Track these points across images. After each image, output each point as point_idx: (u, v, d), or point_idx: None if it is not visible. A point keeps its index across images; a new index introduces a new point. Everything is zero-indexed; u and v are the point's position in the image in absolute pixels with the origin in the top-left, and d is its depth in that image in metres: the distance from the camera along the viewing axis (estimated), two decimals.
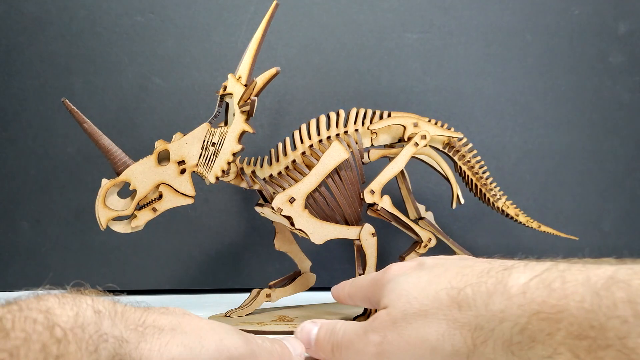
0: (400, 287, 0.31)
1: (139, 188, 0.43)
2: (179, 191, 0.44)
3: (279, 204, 0.46)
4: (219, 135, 0.45)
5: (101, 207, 0.42)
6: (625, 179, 0.68)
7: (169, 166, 0.44)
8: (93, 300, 0.25)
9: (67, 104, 0.45)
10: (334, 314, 0.51)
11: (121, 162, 0.43)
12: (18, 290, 0.64)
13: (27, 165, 0.64)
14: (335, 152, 0.47)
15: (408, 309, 0.29)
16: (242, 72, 0.46)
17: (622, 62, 0.67)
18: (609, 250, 0.67)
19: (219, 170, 0.45)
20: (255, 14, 0.64)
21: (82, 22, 0.63)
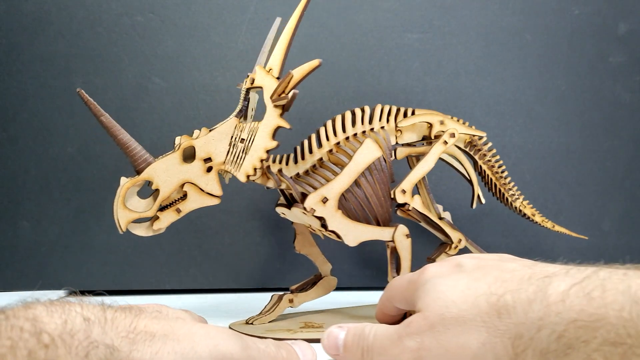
0: (437, 290, 0.30)
1: (162, 187, 0.40)
2: (204, 191, 0.41)
3: (312, 204, 0.43)
4: (249, 130, 0.43)
5: (121, 209, 0.39)
6: (625, 179, 0.68)
7: (195, 164, 0.41)
8: (82, 308, 0.24)
9: (83, 95, 0.42)
10: (360, 318, 0.49)
11: (142, 159, 0.40)
12: (18, 290, 0.64)
13: (27, 165, 0.64)
14: (368, 150, 0.45)
15: (445, 313, 0.28)
16: (273, 65, 0.43)
17: (622, 62, 0.67)
18: (609, 250, 0.68)
19: (250, 168, 0.42)
20: (255, 14, 0.64)
21: (82, 22, 0.63)
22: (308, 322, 0.47)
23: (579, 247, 0.67)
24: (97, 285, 0.65)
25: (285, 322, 0.47)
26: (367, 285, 0.66)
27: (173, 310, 0.32)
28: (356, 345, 0.32)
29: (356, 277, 0.66)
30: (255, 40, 0.65)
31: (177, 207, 0.41)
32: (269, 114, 0.42)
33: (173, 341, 0.26)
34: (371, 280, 0.67)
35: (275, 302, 0.48)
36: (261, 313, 0.47)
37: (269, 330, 0.44)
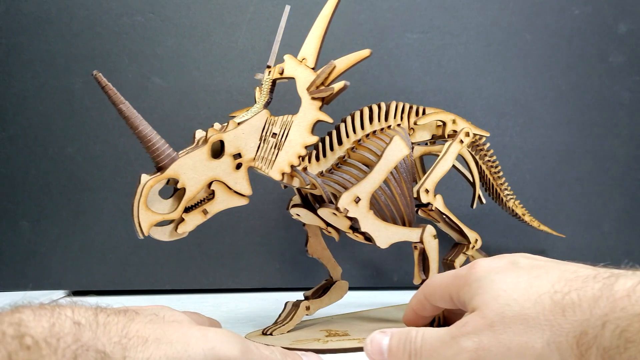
0: (497, 287, 0.28)
1: (188, 186, 0.36)
2: (233, 190, 0.37)
3: (345, 204, 0.40)
4: (281, 124, 0.39)
5: (143, 210, 0.34)
6: (626, 179, 0.68)
7: (223, 160, 0.37)
8: (74, 311, 0.24)
9: (100, 79, 0.37)
10: (379, 321, 0.48)
11: (165, 155, 0.35)
12: (18, 290, 0.64)
13: (27, 165, 0.64)
14: (397, 147, 0.43)
15: (507, 311, 0.27)
16: (306, 54, 0.40)
17: (622, 61, 0.67)
18: (609, 250, 0.67)
19: (286, 165, 0.39)
20: (255, 14, 0.64)
21: (82, 22, 0.63)
22: (330, 330, 0.45)
23: (579, 247, 0.67)
24: (97, 285, 0.65)
25: (306, 331, 0.44)
26: (367, 286, 0.66)
27: (172, 312, 0.31)
28: (402, 349, 0.31)
29: (356, 277, 0.66)
30: (255, 40, 0.65)
31: (203, 208, 0.37)
32: (306, 107, 0.39)
33: (166, 345, 0.25)
34: (371, 280, 0.67)
35: (290, 310, 0.45)
36: (277, 322, 0.44)
37: (296, 341, 0.41)
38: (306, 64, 0.40)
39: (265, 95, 0.41)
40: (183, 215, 0.37)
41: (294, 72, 0.40)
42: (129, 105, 0.37)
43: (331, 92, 0.39)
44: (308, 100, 0.40)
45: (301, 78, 0.40)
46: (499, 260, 0.32)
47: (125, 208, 0.64)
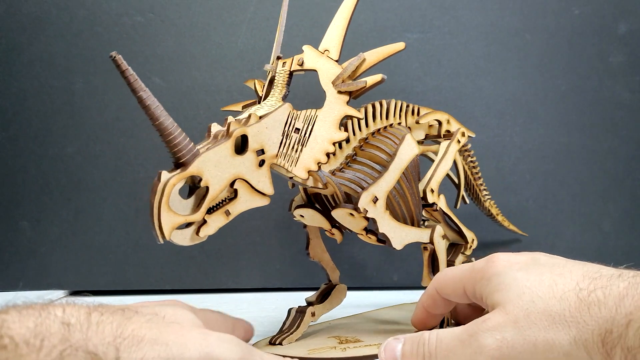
0: (520, 284, 0.28)
1: (212, 184, 0.32)
2: (256, 189, 0.34)
3: (364, 204, 0.38)
4: (304, 119, 0.37)
5: (165, 211, 0.30)
6: (626, 179, 0.68)
7: (247, 156, 0.34)
8: (64, 311, 0.23)
9: (120, 61, 0.31)
10: (387, 322, 0.47)
11: (187, 150, 0.32)
12: (18, 290, 0.64)
13: (26, 165, 0.64)
14: (409, 146, 0.42)
15: (531, 308, 0.27)
16: (329, 45, 0.38)
17: (622, 61, 0.67)
18: (609, 250, 0.67)
19: (312, 163, 0.37)
20: (255, 14, 0.64)
21: (82, 22, 0.63)
22: (340, 336, 0.42)
23: (578, 247, 0.67)
24: (97, 285, 0.65)
25: (315, 338, 0.42)
26: (367, 286, 0.66)
27: (175, 311, 0.29)
28: (416, 353, 0.30)
29: (356, 277, 0.66)
30: (255, 40, 0.65)
31: (226, 209, 0.34)
32: (332, 101, 0.37)
33: (161, 346, 0.24)
34: (371, 280, 0.67)
35: (295, 317, 0.43)
36: (283, 331, 0.42)
37: (312, 350, 0.39)
38: (329, 55, 0.38)
39: (282, 88, 0.38)
40: (205, 217, 0.33)
41: (316, 64, 0.38)
42: (150, 93, 0.32)
43: (363, 86, 0.37)
44: (334, 94, 0.38)
45: (324, 71, 0.38)
46: (518, 256, 0.31)
47: (126, 208, 0.65)
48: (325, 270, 0.47)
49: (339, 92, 0.38)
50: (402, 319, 0.48)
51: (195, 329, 0.27)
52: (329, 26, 0.39)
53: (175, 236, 0.32)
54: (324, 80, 0.38)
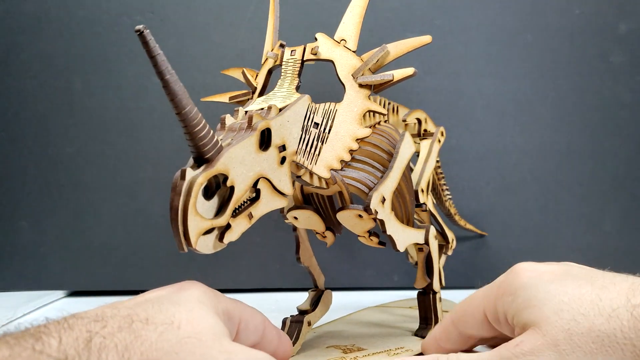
0: (556, 299, 0.24)
1: (237, 184, 0.28)
2: (277, 189, 0.31)
3: (375, 205, 0.36)
4: (323, 113, 0.34)
5: (193, 215, 0.26)
6: (627, 179, 0.68)
7: (270, 153, 0.30)
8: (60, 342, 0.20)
9: (147, 37, 0.25)
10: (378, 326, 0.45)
11: (212, 144, 0.27)
12: (18, 290, 0.64)
13: (26, 165, 0.64)
14: (409, 145, 0.40)
15: (574, 328, 0.23)
16: (345, 35, 0.36)
17: (623, 61, 0.67)
18: (610, 250, 0.67)
19: (335, 161, 0.34)
20: (255, 13, 0.64)
21: (81, 22, 0.63)
22: (340, 346, 0.40)
23: (579, 248, 0.67)
24: (96, 286, 0.65)
25: (316, 350, 0.39)
26: (369, 286, 0.66)
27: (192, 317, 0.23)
28: None
29: (357, 277, 0.66)
30: (255, 40, 0.65)
31: (249, 212, 0.30)
32: (353, 95, 0.35)
33: None
34: (371, 280, 0.67)
35: (291, 328, 0.40)
36: None
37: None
38: (346, 45, 0.36)
39: (292, 78, 0.35)
40: (230, 221, 0.29)
41: (332, 54, 0.35)
42: (177, 77, 0.27)
43: (389, 80, 0.35)
44: (355, 87, 0.35)
45: (341, 62, 0.35)
46: (545, 266, 0.27)
47: (125, 208, 0.65)
48: (312, 276, 0.44)
49: (359, 85, 0.35)
50: (388, 321, 0.47)
51: (217, 346, 0.22)
52: (345, 14, 0.37)
53: (200, 244, 0.27)
54: (343, 73, 0.35)
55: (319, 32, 0.38)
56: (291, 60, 0.36)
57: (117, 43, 0.64)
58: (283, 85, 0.35)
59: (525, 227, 0.66)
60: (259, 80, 0.38)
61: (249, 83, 0.39)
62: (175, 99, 0.27)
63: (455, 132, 0.64)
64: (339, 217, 0.38)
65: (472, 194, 0.66)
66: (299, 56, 0.36)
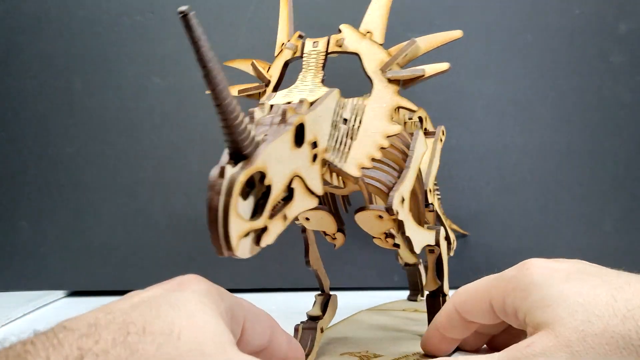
0: (570, 300, 0.24)
1: (275, 183, 0.26)
2: (309, 188, 0.29)
3: (396, 206, 0.34)
4: (352, 108, 0.33)
5: (234, 217, 0.24)
6: (627, 179, 0.68)
7: (304, 150, 0.28)
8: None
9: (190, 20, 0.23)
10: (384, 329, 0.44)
11: (250, 140, 0.24)
12: (18, 290, 0.64)
13: (26, 165, 0.64)
14: (422, 144, 0.38)
15: (588, 329, 0.22)
16: (371, 27, 0.35)
17: (624, 61, 0.67)
18: (610, 250, 0.67)
19: (366, 159, 0.32)
20: (254, 13, 0.64)
21: (81, 21, 0.63)
22: (354, 352, 0.38)
23: (579, 248, 0.67)
24: (96, 286, 0.65)
25: (330, 357, 0.37)
26: (367, 286, 0.66)
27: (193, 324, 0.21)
28: None
29: (357, 278, 0.66)
30: (255, 40, 0.65)
31: (284, 213, 0.28)
32: (381, 91, 0.33)
33: None
34: (372, 280, 0.67)
35: (305, 336, 0.38)
36: None
37: None
38: (372, 38, 0.34)
39: (316, 71, 0.34)
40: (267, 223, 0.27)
41: (357, 47, 0.34)
42: (219, 67, 0.25)
43: (420, 75, 0.34)
44: (383, 82, 0.33)
45: (368, 55, 0.34)
46: (557, 263, 0.27)
47: (125, 208, 0.65)
48: (319, 279, 0.42)
49: (388, 80, 0.34)
50: (391, 324, 0.46)
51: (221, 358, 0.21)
52: (370, 5, 0.35)
53: (240, 247, 0.25)
54: (370, 66, 0.34)
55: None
56: (314, 52, 0.35)
57: (117, 43, 0.64)
58: (306, 78, 0.34)
59: (525, 227, 0.66)
60: (273, 73, 0.36)
61: (261, 76, 0.37)
62: (216, 89, 0.25)
63: (455, 132, 0.64)
64: (357, 218, 0.36)
65: (472, 194, 0.66)
66: (323, 48, 0.34)
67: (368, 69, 0.34)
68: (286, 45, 0.35)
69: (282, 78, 0.35)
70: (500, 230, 0.66)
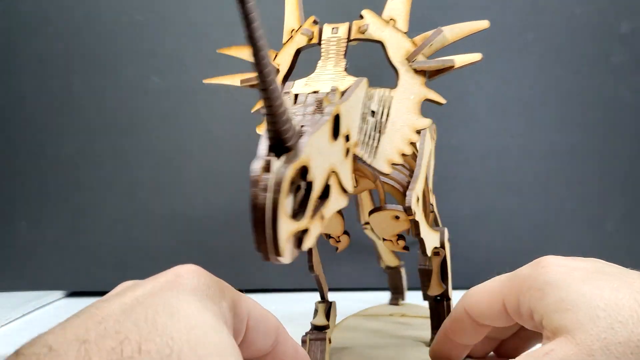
0: (591, 304, 0.22)
1: (316, 178, 0.23)
2: (342, 185, 0.26)
3: (414, 206, 0.32)
4: (379, 100, 0.31)
5: (284, 217, 0.21)
6: (628, 179, 0.67)
7: (339, 142, 0.25)
8: None
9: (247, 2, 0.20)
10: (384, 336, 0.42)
11: (292, 130, 0.22)
12: (17, 290, 0.64)
13: (24, 165, 0.64)
14: (428, 142, 0.37)
15: (611, 337, 0.21)
16: (395, 14, 0.33)
17: (624, 61, 0.67)
18: (612, 250, 0.67)
19: (396, 155, 0.30)
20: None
21: (80, 21, 0.63)
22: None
23: (580, 248, 0.66)
24: (95, 286, 0.64)
25: None
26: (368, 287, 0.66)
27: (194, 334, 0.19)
28: None
29: (357, 278, 0.66)
30: None
31: (322, 213, 0.24)
32: (408, 82, 0.32)
33: None
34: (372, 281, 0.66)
35: (314, 348, 0.36)
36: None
37: None
38: (396, 26, 0.33)
39: (338, 59, 0.31)
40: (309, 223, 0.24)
41: (381, 35, 0.32)
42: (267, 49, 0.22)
43: (450, 66, 0.32)
44: (410, 73, 0.32)
45: (393, 43, 0.32)
46: (573, 261, 0.26)
47: (124, 208, 0.64)
48: (320, 286, 0.39)
49: (415, 71, 0.32)
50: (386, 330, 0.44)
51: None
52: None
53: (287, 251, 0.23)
54: (395, 56, 0.32)
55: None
56: (334, 38, 0.32)
57: (116, 42, 0.63)
58: (326, 67, 0.31)
59: (526, 227, 0.66)
60: (282, 61, 0.33)
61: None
62: (263, 71, 0.21)
63: (455, 132, 0.64)
64: (371, 219, 0.34)
65: (473, 194, 0.66)
66: (344, 34, 0.32)
67: (393, 59, 0.32)
68: (301, 31, 0.33)
69: (294, 67, 0.33)
70: (501, 230, 0.66)
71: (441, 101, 0.32)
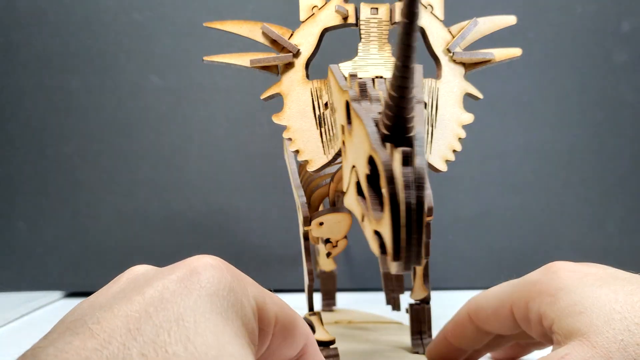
0: (607, 307, 0.22)
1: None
2: None
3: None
4: (428, 91, 0.28)
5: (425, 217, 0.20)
6: (630, 179, 0.67)
7: None
8: None
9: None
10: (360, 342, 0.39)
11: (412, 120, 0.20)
12: (16, 291, 0.64)
13: (23, 165, 0.63)
14: None
15: (628, 339, 0.21)
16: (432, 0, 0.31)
17: (626, 60, 0.66)
18: (613, 251, 0.67)
19: (449, 151, 0.28)
20: (254, 12, 0.64)
21: (78, 20, 0.63)
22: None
23: (581, 248, 0.66)
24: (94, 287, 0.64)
25: None
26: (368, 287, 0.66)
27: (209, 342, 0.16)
28: None
29: (357, 278, 0.66)
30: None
31: None
32: (449, 73, 0.29)
33: None
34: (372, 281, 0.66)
35: None
36: None
37: None
38: (433, 13, 0.30)
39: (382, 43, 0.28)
40: None
41: (422, 21, 0.29)
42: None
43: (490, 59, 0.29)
44: (450, 64, 0.30)
45: (433, 32, 0.30)
46: (585, 267, 0.25)
47: (124, 208, 0.64)
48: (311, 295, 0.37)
49: (455, 62, 0.29)
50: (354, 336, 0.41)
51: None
52: None
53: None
54: (436, 44, 0.30)
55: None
56: (374, 20, 0.30)
57: (114, 41, 0.63)
58: (370, 51, 0.29)
59: (527, 227, 0.66)
60: (304, 41, 0.30)
61: (278, 43, 0.31)
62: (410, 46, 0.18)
63: None
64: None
65: (473, 194, 0.66)
66: (385, 17, 0.29)
67: (435, 48, 0.30)
68: (338, 7, 0.30)
69: (318, 49, 0.30)
70: (501, 230, 0.66)
71: (480, 96, 0.30)
